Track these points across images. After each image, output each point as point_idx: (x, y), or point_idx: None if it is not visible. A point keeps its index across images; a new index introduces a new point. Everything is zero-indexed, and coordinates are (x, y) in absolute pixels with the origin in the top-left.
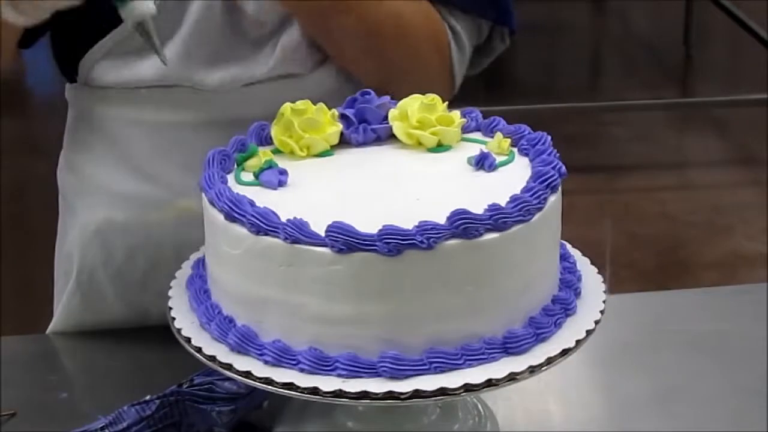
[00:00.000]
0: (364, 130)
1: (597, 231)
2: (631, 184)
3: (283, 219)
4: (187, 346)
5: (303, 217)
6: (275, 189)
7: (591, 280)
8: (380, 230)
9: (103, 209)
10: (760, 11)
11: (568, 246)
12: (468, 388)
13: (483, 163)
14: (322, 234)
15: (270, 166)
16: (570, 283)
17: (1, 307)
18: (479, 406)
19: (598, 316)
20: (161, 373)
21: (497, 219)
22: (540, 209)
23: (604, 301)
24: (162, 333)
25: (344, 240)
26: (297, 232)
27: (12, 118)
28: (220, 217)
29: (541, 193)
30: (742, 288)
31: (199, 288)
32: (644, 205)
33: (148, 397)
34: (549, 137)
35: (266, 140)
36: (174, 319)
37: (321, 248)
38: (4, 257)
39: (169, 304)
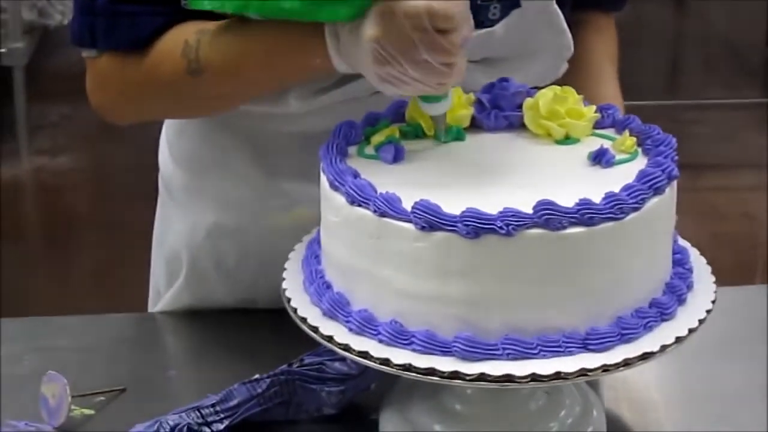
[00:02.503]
0: (495, 116)
1: (678, 230)
2: (712, 183)
3: (379, 192)
4: (286, 304)
5: (401, 193)
6: (390, 164)
7: (703, 288)
8: (463, 212)
9: (214, 213)
10: None
11: (695, 253)
12: (535, 377)
13: (600, 158)
14: (410, 210)
15: (390, 141)
16: (676, 289)
17: (90, 288)
18: (586, 394)
19: (695, 324)
20: (269, 353)
21: (584, 214)
22: (636, 209)
23: (708, 311)
24: (270, 315)
25: (426, 218)
26: (386, 206)
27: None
28: (327, 184)
29: (640, 193)
30: None
31: (313, 252)
32: (725, 204)
33: (257, 376)
34: (674, 139)
35: (401, 118)
36: (284, 279)
37: (406, 224)
38: (89, 240)
39: (286, 265)
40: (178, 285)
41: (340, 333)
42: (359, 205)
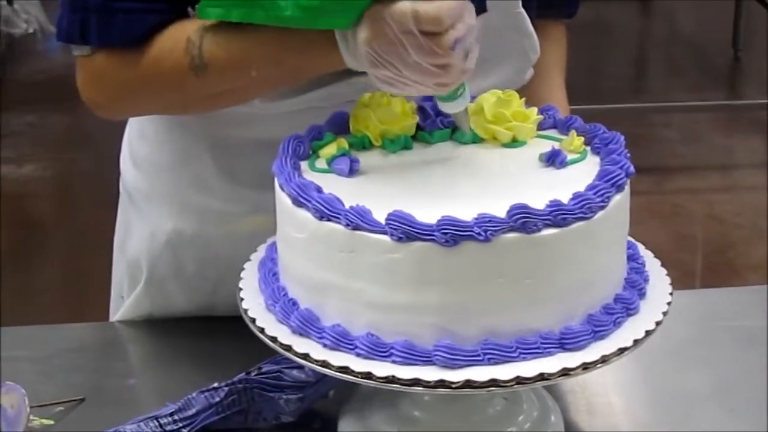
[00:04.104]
0: (442, 122)
1: (644, 232)
2: (678, 185)
3: (347, 206)
4: (251, 326)
5: (368, 205)
6: (346, 177)
7: (659, 281)
8: (439, 221)
9: (174, 219)
10: None
11: (640, 247)
12: (520, 380)
13: (554, 159)
14: (383, 222)
15: (343, 153)
16: (635, 283)
17: (55, 297)
18: (544, 399)
19: (660, 317)
20: (228, 361)
21: (557, 215)
22: (603, 207)
23: (668, 303)
24: (229, 322)
25: (403, 229)
26: (358, 219)
27: (63, 113)
28: (288, 201)
29: (605, 191)
30: None
31: (269, 270)
32: (691, 206)
33: (216, 384)
34: (622, 137)
35: (343, 129)
36: (242, 299)
37: (381, 236)
38: (54, 249)
39: (240, 285)
40: (138, 292)
41: (315, 350)
42: (329, 220)
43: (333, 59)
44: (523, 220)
